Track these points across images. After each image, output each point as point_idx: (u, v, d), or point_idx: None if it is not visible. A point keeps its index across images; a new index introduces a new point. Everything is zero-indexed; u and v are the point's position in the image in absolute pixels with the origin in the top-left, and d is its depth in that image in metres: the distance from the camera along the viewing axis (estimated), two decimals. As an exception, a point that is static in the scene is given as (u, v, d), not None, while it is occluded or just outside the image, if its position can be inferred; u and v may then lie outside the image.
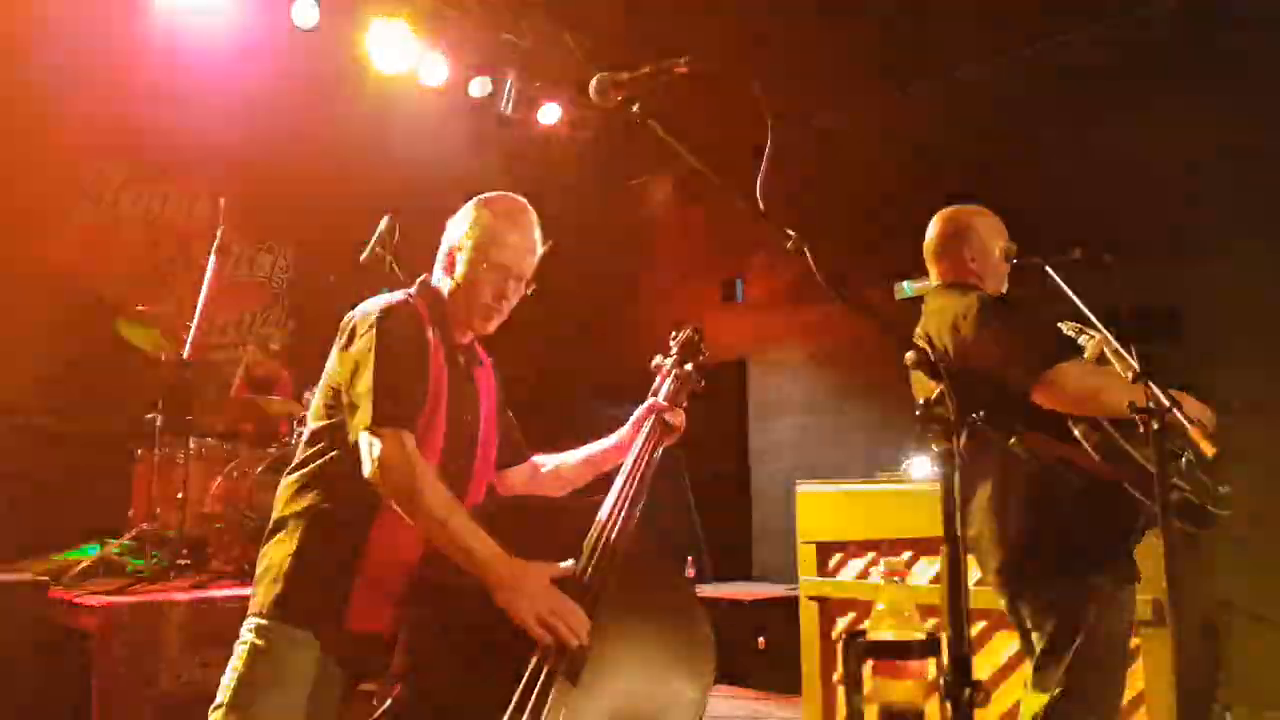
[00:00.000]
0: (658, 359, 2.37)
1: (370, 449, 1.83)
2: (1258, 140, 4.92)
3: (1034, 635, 2.51)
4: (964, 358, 2.50)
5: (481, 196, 2.17)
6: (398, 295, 2.08)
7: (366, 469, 1.83)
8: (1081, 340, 2.55)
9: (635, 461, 2.08)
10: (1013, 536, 2.47)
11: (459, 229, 2.13)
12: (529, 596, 1.76)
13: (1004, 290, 2.74)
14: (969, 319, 2.51)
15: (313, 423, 2.06)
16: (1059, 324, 2.52)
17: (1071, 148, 5.60)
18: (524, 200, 2.18)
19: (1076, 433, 2.37)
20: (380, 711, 1.72)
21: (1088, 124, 5.59)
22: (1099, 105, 5.53)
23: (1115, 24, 5.46)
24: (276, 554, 1.97)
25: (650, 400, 2.25)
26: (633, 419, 2.25)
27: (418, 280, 2.16)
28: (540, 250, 2.16)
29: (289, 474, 2.05)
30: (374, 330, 1.94)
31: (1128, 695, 3.23)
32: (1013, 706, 3.14)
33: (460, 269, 2.09)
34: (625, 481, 2.02)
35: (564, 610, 1.76)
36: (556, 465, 2.36)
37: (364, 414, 1.85)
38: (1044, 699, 2.41)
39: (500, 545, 1.80)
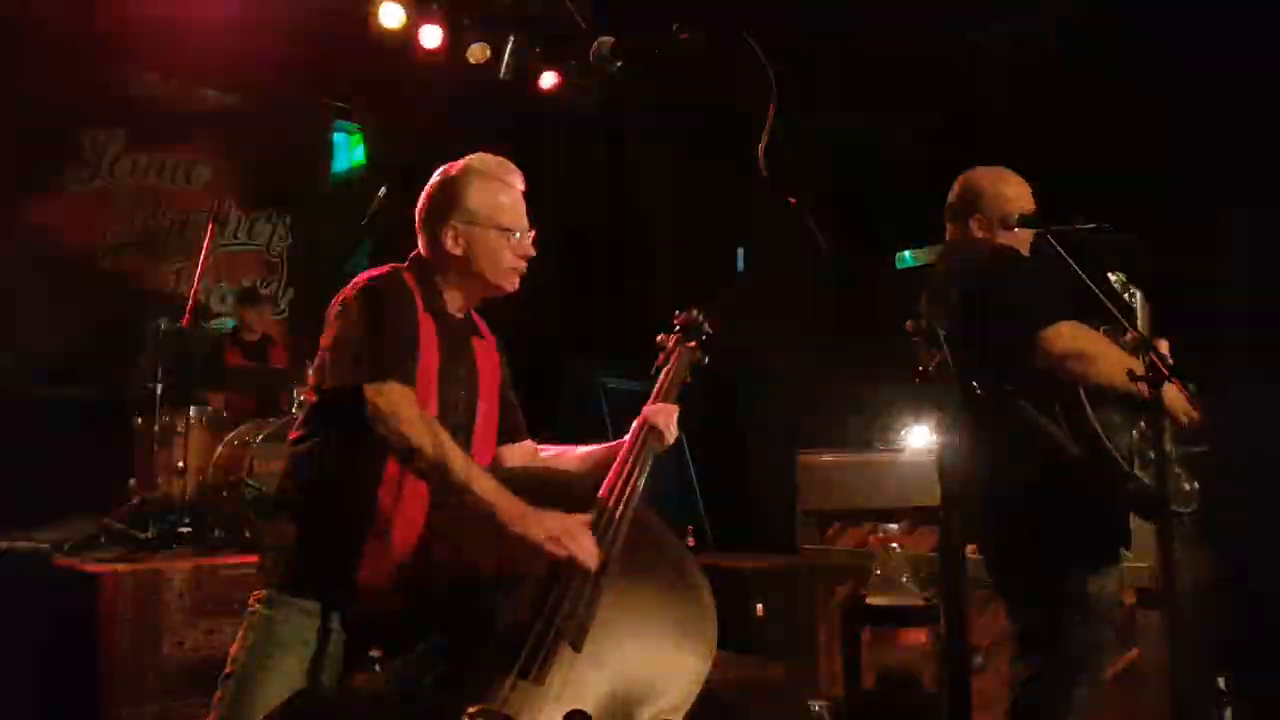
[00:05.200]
0: (661, 336, 2.37)
1: (371, 404, 1.82)
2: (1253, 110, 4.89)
3: (1020, 604, 2.53)
4: (965, 307, 2.49)
5: (459, 166, 2.13)
6: (386, 269, 2.06)
7: (371, 424, 1.82)
8: (1127, 297, 2.53)
9: (625, 459, 2.04)
10: (1002, 506, 2.48)
11: (451, 203, 2.09)
12: (539, 520, 1.78)
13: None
14: (975, 267, 2.53)
15: (311, 398, 2.05)
16: (1109, 274, 2.51)
17: (1077, 116, 5.56)
18: (500, 156, 2.16)
19: (1058, 412, 2.38)
20: (385, 678, 1.74)
21: (1090, 96, 5.54)
22: (1105, 74, 5.48)
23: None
24: (281, 531, 1.97)
25: (644, 409, 2.18)
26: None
27: (410, 256, 2.14)
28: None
29: (289, 448, 2.05)
30: (364, 297, 1.94)
31: (1122, 664, 3.27)
32: (1008, 673, 3.17)
33: (466, 242, 2.06)
34: (625, 461, 2.01)
35: (575, 531, 1.78)
36: (558, 455, 2.33)
37: (361, 373, 1.84)
38: (1030, 668, 2.43)
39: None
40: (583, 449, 2.30)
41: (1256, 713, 2.83)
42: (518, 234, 2.09)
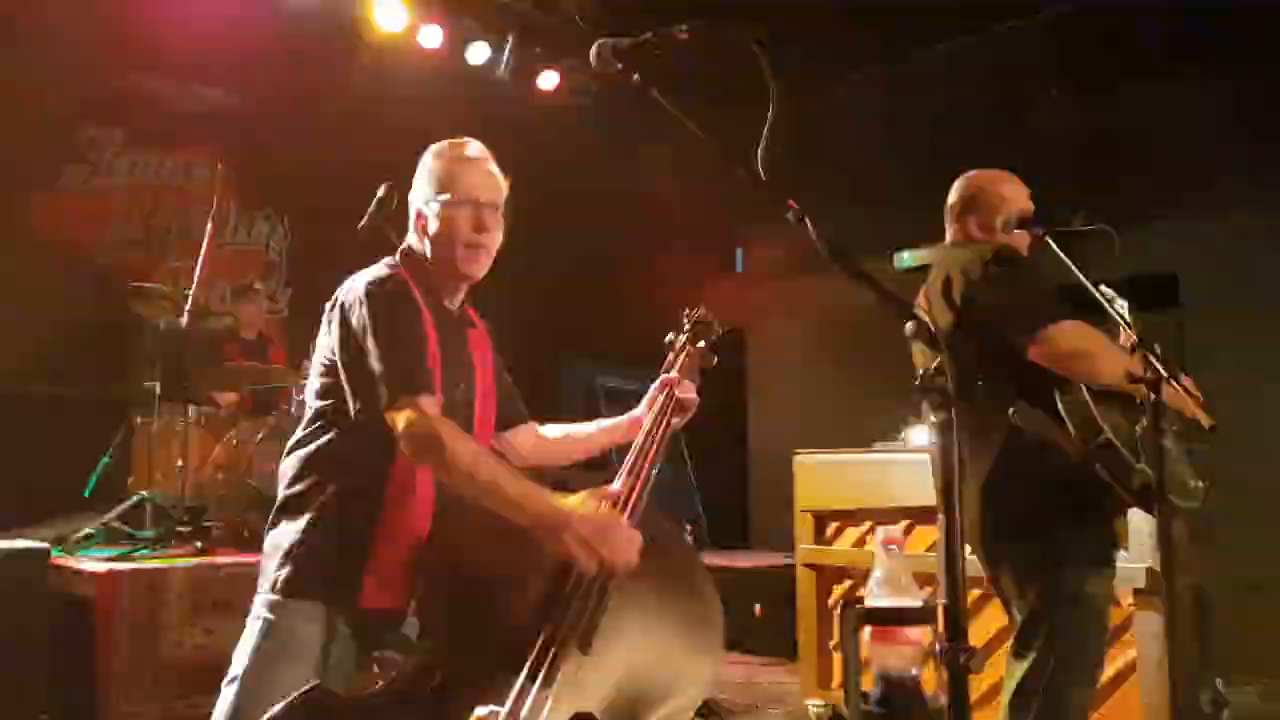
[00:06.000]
0: (670, 336, 2.37)
1: (397, 424, 1.81)
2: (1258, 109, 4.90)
3: (1014, 604, 2.53)
4: (967, 306, 2.50)
5: (428, 150, 2.14)
6: (382, 267, 2.04)
7: (402, 446, 1.82)
8: (1115, 307, 2.54)
9: (647, 437, 2.06)
10: (997, 505, 2.48)
11: (416, 188, 2.11)
12: (576, 523, 1.74)
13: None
14: (977, 266, 2.52)
15: (311, 400, 2.04)
16: (1099, 286, 2.52)
17: (1073, 115, 5.57)
18: (469, 138, 2.15)
19: (1061, 409, 2.38)
20: (392, 679, 1.74)
21: (1088, 92, 5.55)
22: (1101, 73, 5.49)
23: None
24: (284, 535, 1.96)
25: (664, 376, 2.24)
26: (647, 397, 2.23)
27: (399, 249, 2.13)
28: (504, 183, 2.13)
29: (290, 451, 2.04)
30: (365, 306, 1.91)
31: (1120, 664, 3.28)
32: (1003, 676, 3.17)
33: (432, 223, 2.05)
34: (637, 458, 2.00)
35: (612, 528, 1.74)
36: (564, 435, 2.33)
37: (382, 395, 1.83)
38: (1024, 667, 2.43)
39: (507, 528, 1.80)
40: (595, 424, 2.30)
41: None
42: (484, 210, 2.05)
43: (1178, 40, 5.16)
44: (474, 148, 2.13)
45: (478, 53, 6.58)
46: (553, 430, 2.35)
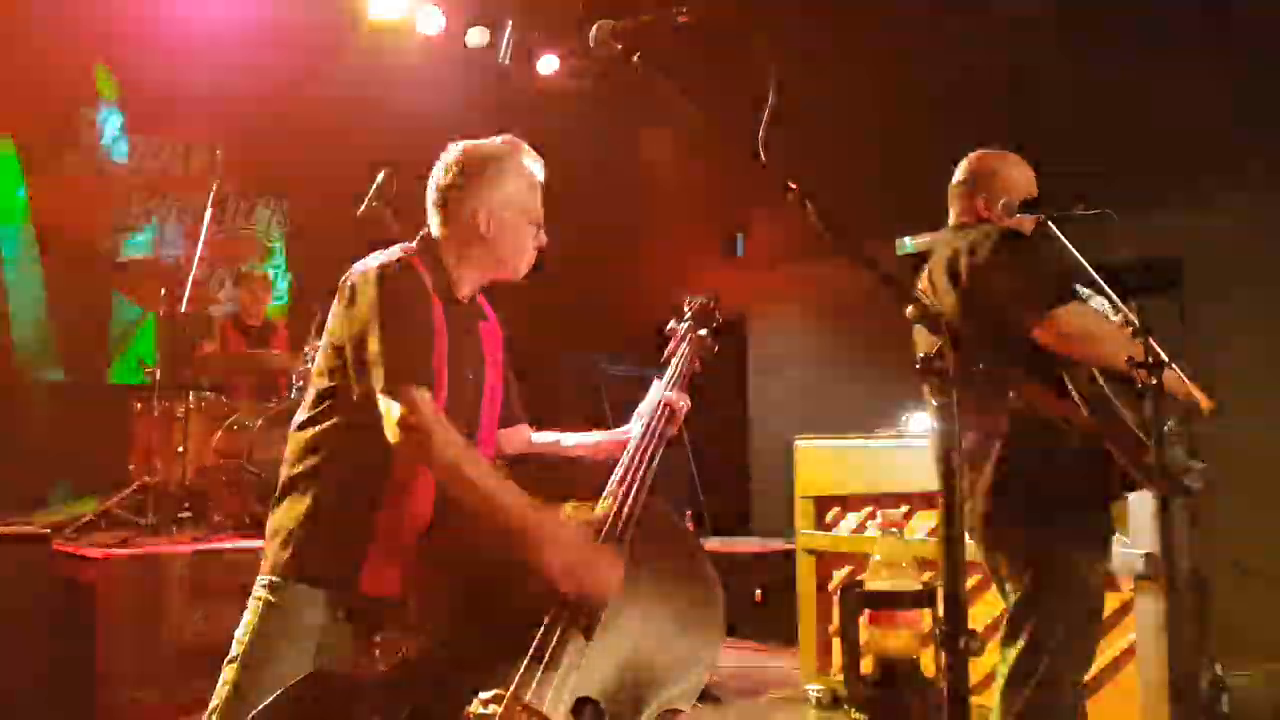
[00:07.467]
0: (672, 323, 2.36)
1: (389, 411, 1.80)
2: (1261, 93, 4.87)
3: (1008, 586, 2.53)
4: (973, 286, 2.48)
5: (497, 149, 2.11)
6: (395, 252, 2.02)
7: (388, 432, 1.81)
8: (1093, 304, 2.54)
9: (637, 452, 2.04)
10: (996, 487, 2.48)
11: (488, 184, 2.06)
12: (560, 545, 1.76)
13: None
14: (985, 246, 2.50)
15: (318, 382, 2.03)
16: (1075, 287, 2.51)
17: (1077, 98, 5.54)
18: (529, 147, 2.15)
19: (1070, 388, 2.37)
20: (394, 664, 1.75)
21: (1094, 76, 5.52)
22: (1107, 56, 5.46)
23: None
24: (287, 516, 1.95)
25: (664, 395, 2.19)
26: (638, 410, 2.20)
27: (418, 235, 2.12)
28: None
29: (295, 431, 2.03)
30: (377, 289, 1.90)
31: (1118, 648, 3.28)
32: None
33: (495, 227, 2.05)
34: (628, 472, 1.99)
35: (595, 559, 1.76)
36: (553, 441, 2.31)
37: (378, 377, 1.82)
38: (1015, 651, 2.43)
39: None
40: (580, 437, 2.28)
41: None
42: (539, 228, 2.12)
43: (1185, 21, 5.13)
44: (540, 165, 2.15)
45: (477, 37, 6.55)
46: (543, 436, 2.32)
